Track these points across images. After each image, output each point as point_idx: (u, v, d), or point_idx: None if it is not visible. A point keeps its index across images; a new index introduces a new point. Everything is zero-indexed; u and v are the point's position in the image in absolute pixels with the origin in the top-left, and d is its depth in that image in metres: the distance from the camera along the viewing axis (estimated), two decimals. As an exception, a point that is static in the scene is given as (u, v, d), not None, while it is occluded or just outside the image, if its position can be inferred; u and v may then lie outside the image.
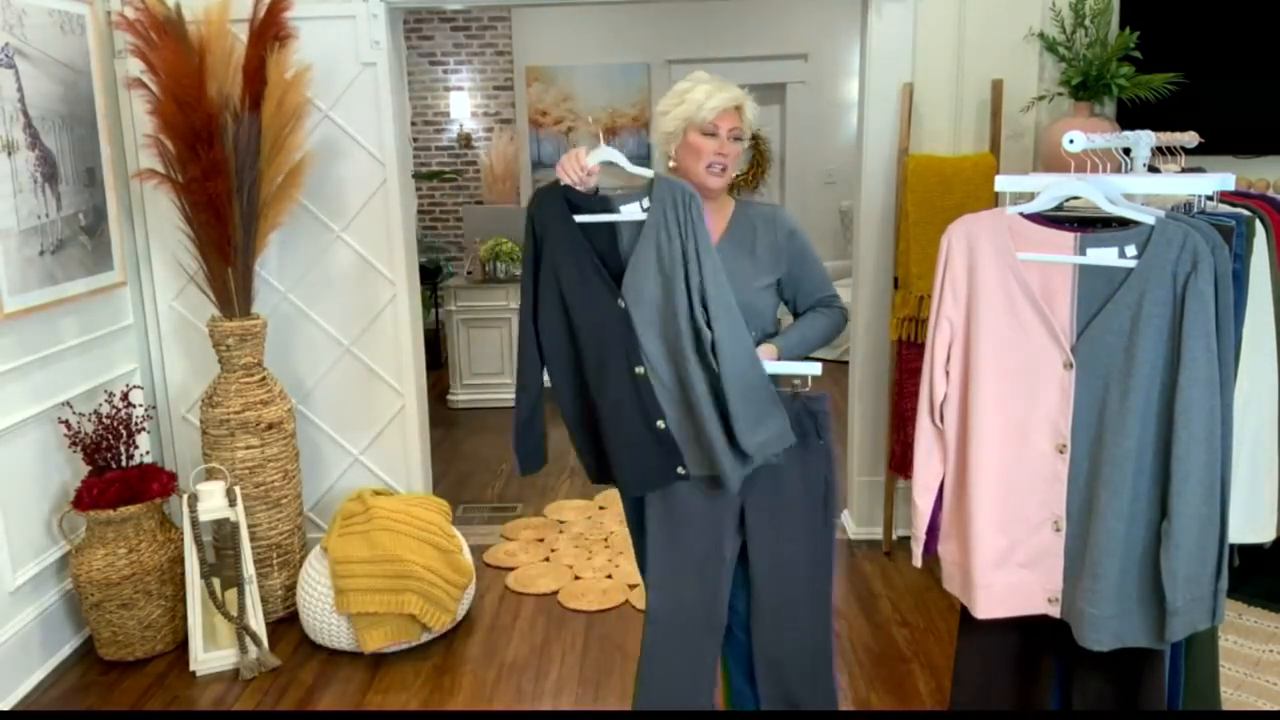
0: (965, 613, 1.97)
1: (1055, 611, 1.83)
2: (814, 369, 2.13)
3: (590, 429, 2.18)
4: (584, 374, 2.14)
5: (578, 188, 2.12)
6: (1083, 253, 1.73)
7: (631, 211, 2.06)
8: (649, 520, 2.23)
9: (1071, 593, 1.78)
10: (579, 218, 2.09)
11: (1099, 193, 1.75)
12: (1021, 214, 1.82)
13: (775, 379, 2.13)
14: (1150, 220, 1.69)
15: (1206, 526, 1.66)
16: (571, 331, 2.13)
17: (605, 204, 2.09)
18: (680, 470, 2.12)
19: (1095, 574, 1.72)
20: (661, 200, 2.04)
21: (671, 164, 2.22)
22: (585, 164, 2.11)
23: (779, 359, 2.18)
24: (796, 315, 2.33)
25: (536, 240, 2.14)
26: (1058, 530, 1.80)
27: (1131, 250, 1.69)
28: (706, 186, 2.18)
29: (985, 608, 1.90)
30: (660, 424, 2.09)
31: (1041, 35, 3.47)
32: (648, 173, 2.09)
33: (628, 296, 2.05)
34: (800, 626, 2.26)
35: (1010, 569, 1.87)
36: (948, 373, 1.92)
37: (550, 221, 2.11)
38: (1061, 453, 1.80)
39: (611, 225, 2.09)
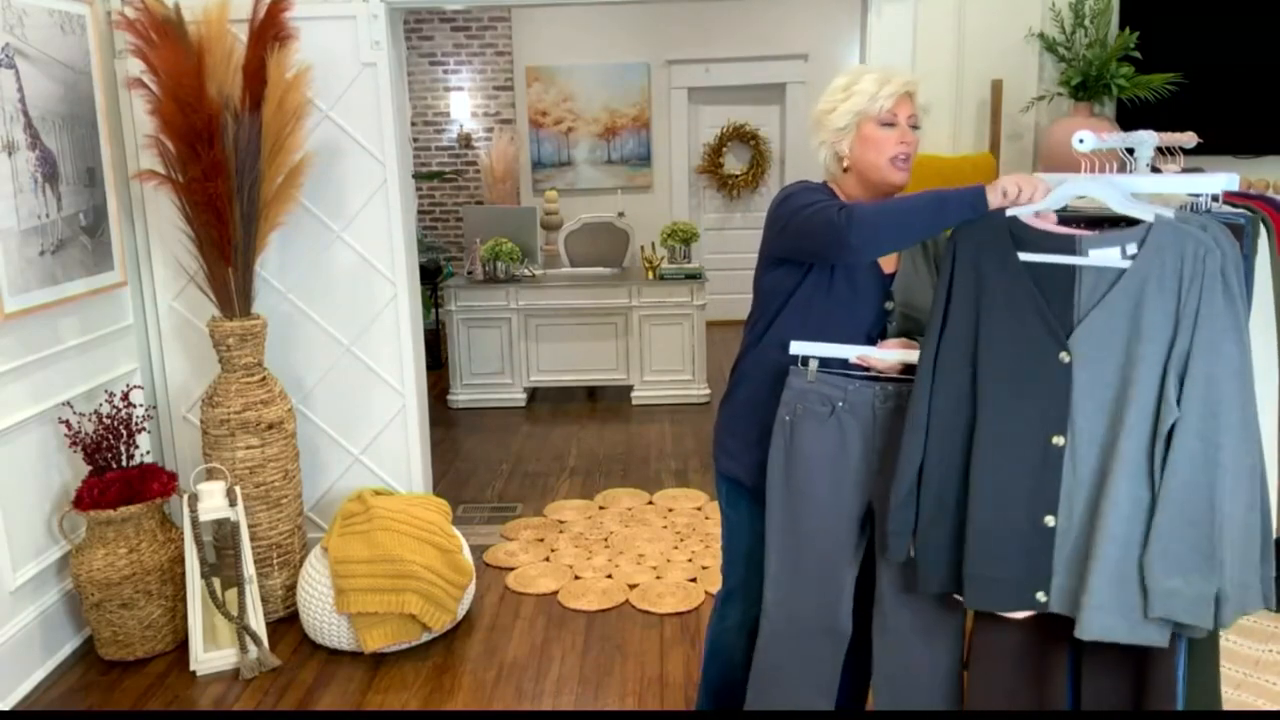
0: (980, 613, 1.97)
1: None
2: None
3: (955, 516, 1.87)
4: (973, 444, 1.83)
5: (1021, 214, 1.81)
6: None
7: (1106, 257, 1.69)
8: (770, 512, 2.10)
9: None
10: (1025, 255, 1.77)
11: (1113, 191, 1.74)
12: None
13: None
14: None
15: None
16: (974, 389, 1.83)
17: (1068, 244, 1.73)
18: (1041, 597, 1.79)
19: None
20: (1161, 249, 1.66)
21: (845, 164, 2.06)
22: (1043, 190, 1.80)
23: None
24: None
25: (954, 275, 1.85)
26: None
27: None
28: (890, 182, 2.03)
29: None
30: (1049, 520, 1.77)
31: (1041, 35, 3.47)
32: (1147, 215, 1.70)
33: (1076, 351, 1.72)
34: (927, 645, 2.06)
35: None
36: None
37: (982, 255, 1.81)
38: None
39: (1071, 269, 1.73)
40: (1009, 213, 1.80)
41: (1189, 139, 2.00)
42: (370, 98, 3.52)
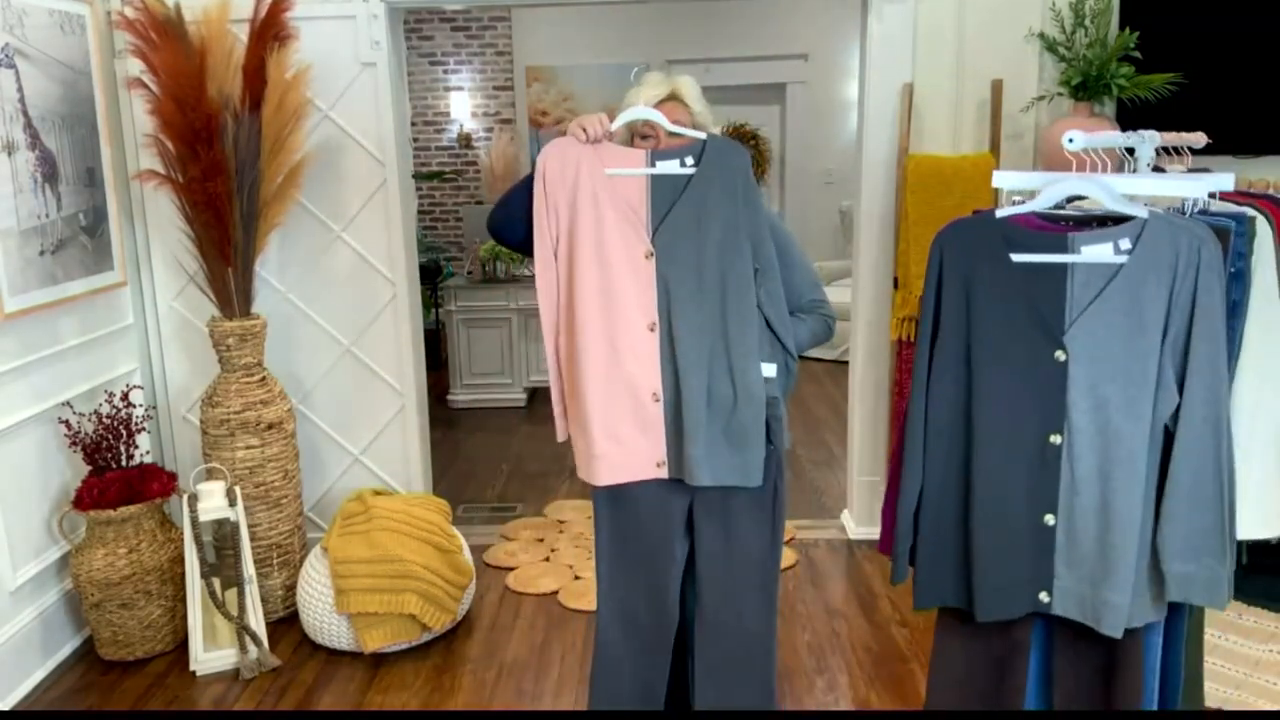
0: (942, 611, 1.97)
1: (664, 474, 2.08)
2: (771, 369, 2.04)
3: (956, 529, 1.91)
4: (971, 452, 1.87)
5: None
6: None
7: (1099, 254, 1.72)
8: (598, 522, 2.20)
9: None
10: (1017, 256, 1.77)
11: (1103, 191, 1.74)
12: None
13: None
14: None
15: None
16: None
17: (1059, 243, 1.78)
18: (1044, 598, 1.79)
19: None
20: (1157, 242, 1.69)
21: None
22: (609, 126, 2.02)
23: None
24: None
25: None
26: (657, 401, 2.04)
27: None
28: None
29: (605, 476, 2.08)
30: (1049, 518, 1.78)
31: (1041, 35, 3.47)
32: (1140, 211, 1.73)
33: (1071, 348, 1.73)
34: (744, 630, 2.19)
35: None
36: None
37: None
38: (651, 331, 2.01)
39: (1063, 268, 1.75)
40: (999, 214, 1.79)
41: (1198, 139, 2.00)
42: (370, 98, 3.52)
